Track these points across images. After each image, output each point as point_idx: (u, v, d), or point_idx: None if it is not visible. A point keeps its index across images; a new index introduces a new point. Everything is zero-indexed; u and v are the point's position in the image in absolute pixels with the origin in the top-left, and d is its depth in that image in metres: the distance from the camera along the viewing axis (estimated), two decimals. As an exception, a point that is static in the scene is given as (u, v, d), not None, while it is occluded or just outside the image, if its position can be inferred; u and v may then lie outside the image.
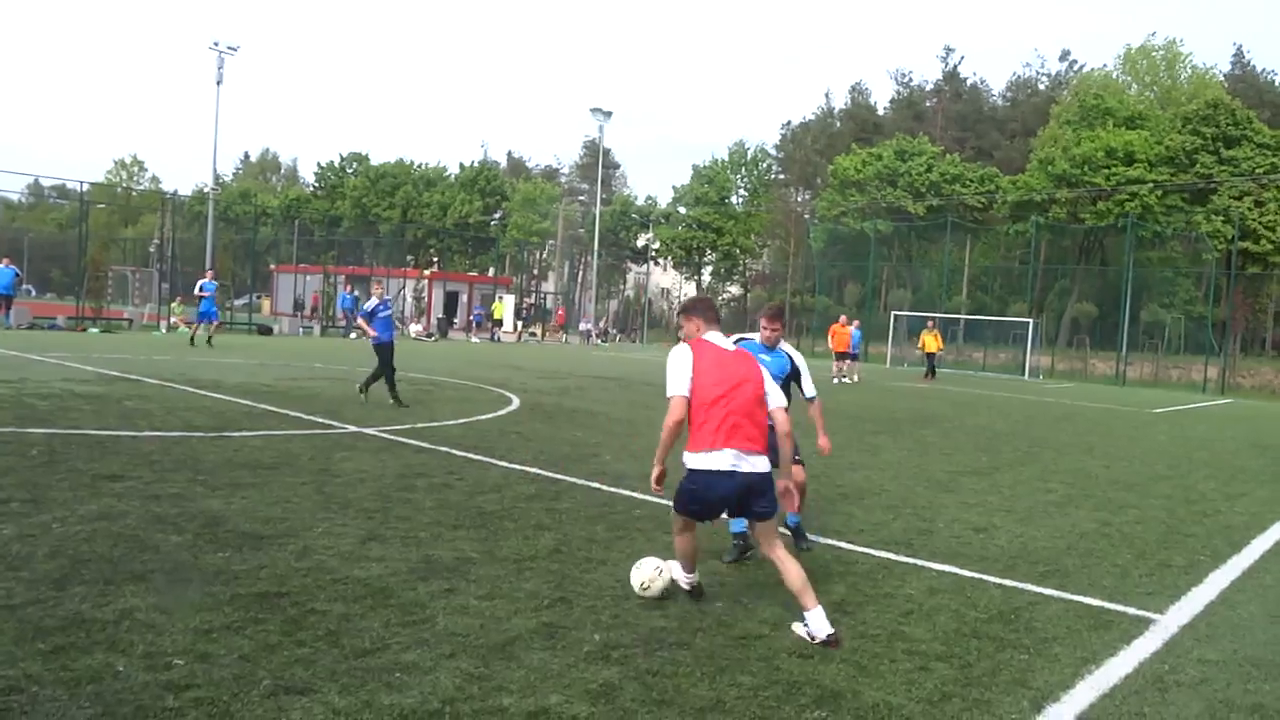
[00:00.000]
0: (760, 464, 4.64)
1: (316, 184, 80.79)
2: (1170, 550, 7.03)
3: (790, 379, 6.11)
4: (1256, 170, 47.68)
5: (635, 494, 7.72)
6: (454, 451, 9.22)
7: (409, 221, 70.80)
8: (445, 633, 4.23)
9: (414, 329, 40.66)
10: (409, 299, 43.45)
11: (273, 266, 57.94)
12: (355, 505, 6.64)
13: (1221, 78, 62.52)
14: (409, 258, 65.80)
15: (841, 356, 25.59)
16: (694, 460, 4.63)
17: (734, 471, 4.56)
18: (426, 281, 48.84)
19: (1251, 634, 5.11)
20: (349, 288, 40.87)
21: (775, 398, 4.94)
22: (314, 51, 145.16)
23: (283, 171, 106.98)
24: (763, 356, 5.66)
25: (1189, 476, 11.08)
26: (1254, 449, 14.76)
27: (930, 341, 30.12)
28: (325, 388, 14.69)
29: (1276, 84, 67.50)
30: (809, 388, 6.22)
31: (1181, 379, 37.28)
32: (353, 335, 35.09)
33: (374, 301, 13.39)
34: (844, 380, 24.80)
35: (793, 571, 4.57)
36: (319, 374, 17.28)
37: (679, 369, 4.69)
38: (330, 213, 75.07)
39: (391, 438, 9.91)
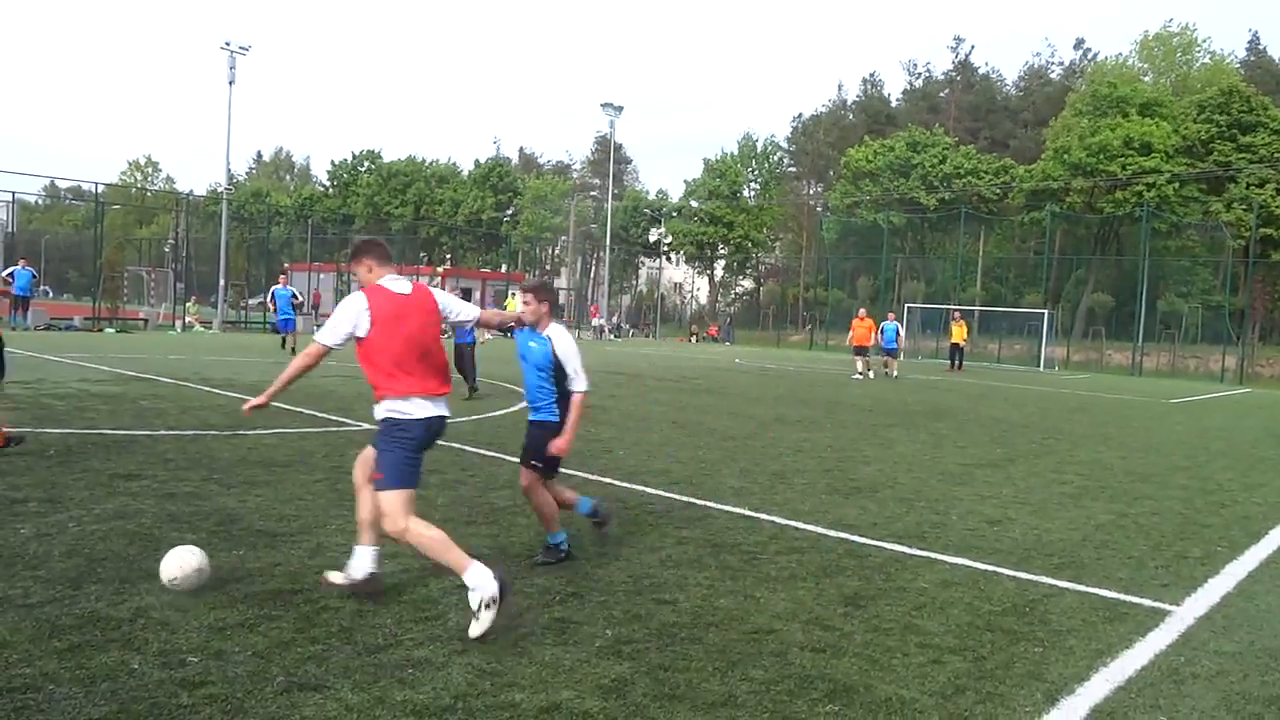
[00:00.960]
0: (444, 407, 4.59)
1: (329, 182, 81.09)
2: (1187, 541, 6.98)
3: (557, 367, 5.27)
4: (1275, 156, 47.15)
5: (648, 489, 7.72)
6: (466, 448, 9.24)
7: (421, 219, 70.98)
8: (457, 629, 4.24)
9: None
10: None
11: (286, 265, 58.20)
12: (368, 502, 6.65)
13: (1237, 64, 61.87)
14: (422, 255, 66.01)
15: (861, 351, 23.97)
16: (399, 407, 4.45)
17: (430, 418, 4.51)
18: (439, 279, 48.98)
19: (1269, 625, 5.07)
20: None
21: (463, 315, 4.90)
22: (326, 50, 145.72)
23: (296, 170, 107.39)
24: (530, 344, 5.27)
25: (1206, 467, 10.99)
26: (1273, 439, 14.63)
27: (958, 332, 30.00)
28: (338, 385, 14.74)
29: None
30: (577, 381, 5.27)
31: (1199, 369, 36.98)
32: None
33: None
34: (862, 377, 23.32)
35: (365, 505, 4.63)
36: (332, 372, 17.34)
37: (342, 319, 4.46)
38: (343, 211, 75.33)
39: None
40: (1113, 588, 5.59)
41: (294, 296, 23.23)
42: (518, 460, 5.59)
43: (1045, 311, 38.06)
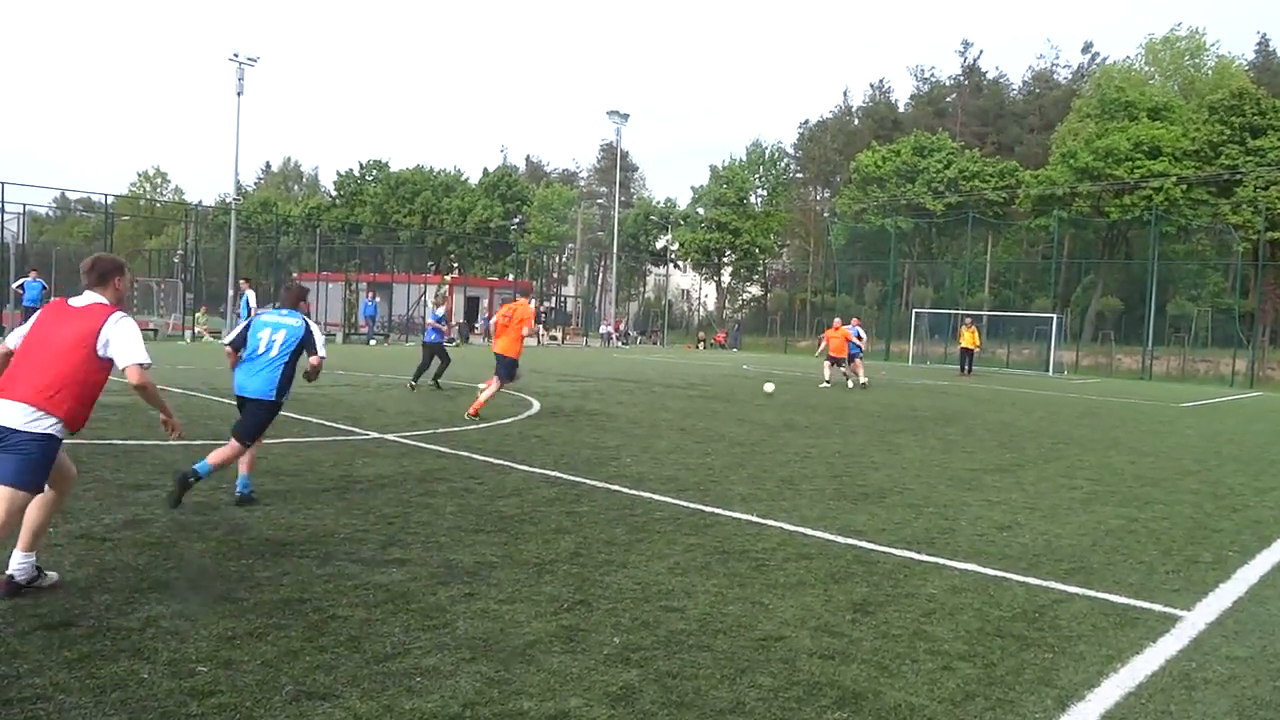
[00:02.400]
0: (7, 413, 4.37)
1: (336, 192, 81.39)
2: (1197, 546, 6.94)
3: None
4: (1283, 159, 46.94)
5: (656, 496, 7.72)
6: (474, 456, 9.25)
7: (429, 228, 71.15)
8: (465, 637, 4.25)
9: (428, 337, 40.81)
10: (430, 305, 43.67)
11: (295, 275, 58.41)
12: (376, 511, 6.68)
13: (1246, 67, 61.67)
14: (430, 264, 66.13)
15: (837, 362, 22.08)
16: None
17: None
18: (447, 287, 49.11)
19: (1281, 630, 5.04)
20: (371, 295, 41.14)
21: (122, 357, 4.82)
22: (332, 61, 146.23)
23: (304, 180, 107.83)
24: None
25: (1217, 471, 10.94)
26: (1284, 442, 14.55)
27: (969, 338, 29.99)
28: (347, 394, 14.79)
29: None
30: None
31: (1209, 372, 36.81)
32: (372, 342, 35.33)
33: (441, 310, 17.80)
34: (828, 385, 21.85)
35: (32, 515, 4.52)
36: (340, 381, 17.39)
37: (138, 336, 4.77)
38: (350, 220, 75.62)
39: (412, 443, 9.96)
40: (1123, 593, 5.57)
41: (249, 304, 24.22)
42: (525, 467, 5.61)
43: (1054, 316, 37.96)
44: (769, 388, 18.74)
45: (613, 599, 4.94)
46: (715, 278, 68.30)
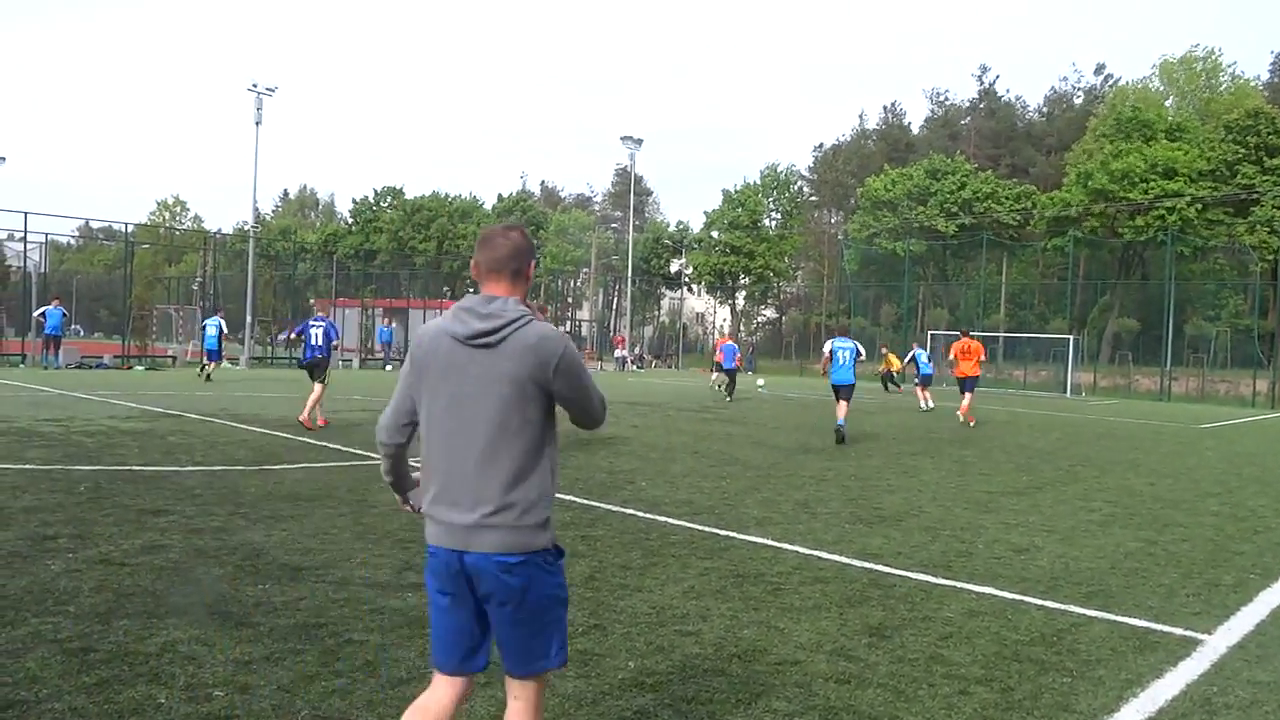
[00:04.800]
0: None
1: (352, 219, 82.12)
2: (1218, 569, 6.87)
3: None
4: (1299, 179, 46.73)
5: (671, 520, 7.71)
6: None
7: (445, 253, 71.65)
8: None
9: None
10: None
11: (312, 301, 58.87)
12: (392, 535, 6.70)
13: (1261, 86, 61.54)
14: (445, 289, 66.52)
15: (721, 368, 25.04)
16: None
17: None
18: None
19: (1304, 654, 4.97)
20: (387, 320, 41.39)
21: None
22: (349, 89, 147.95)
23: (320, 207, 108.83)
24: None
25: (1238, 493, 10.83)
26: (1306, 463, 14.39)
27: (893, 361, 30.92)
28: (365, 419, 14.86)
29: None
30: None
31: (1229, 393, 36.47)
32: (388, 367, 35.51)
33: None
34: (720, 389, 24.61)
35: None
36: (357, 406, 17.48)
37: None
38: (366, 246, 76.22)
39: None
40: (1143, 616, 5.51)
41: (222, 328, 24.65)
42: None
43: (1070, 337, 37.76)
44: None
45: (627, 623, 4.94)
46: (730, 301, 68.36)
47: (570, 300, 74.25)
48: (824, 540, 7.18)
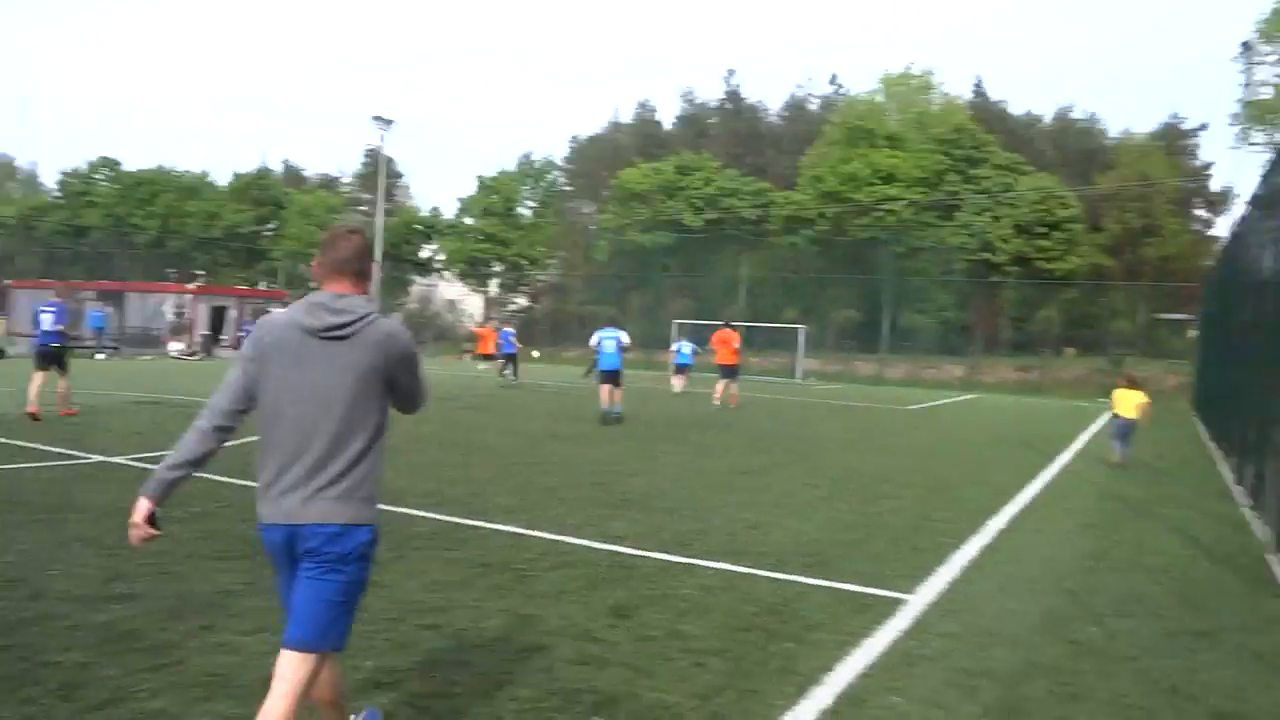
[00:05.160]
0: None
1: (60, 191, 73.57)
2: (919, 535, 7.64)
3: None
4: (993, 189, 53.05)
5: (415, 511, 7.52)
6: (219, 477, 8.60)
7: (171, 232, 65.81)
8: (200, 674, 3.94)
9: (173, 347, 37.74)
10: (169, 315, 40.29)
11: (9, 282, 52.16)
12: (100, 542, 6.06)
13: (966, 105, 68.95)
14: (170, 270, 61.14)
15: (488, 358, 27.82)
16: None
17: None
18: (190, 296, 45.59)
19: (986, 607, 5.64)
20: (100, 305, 37.44)
21: None
22: (58, 44, 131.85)
23: (18, 177, 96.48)
24: None
25: (938, 467, 12.10)
26: (993, 439, 16.34)
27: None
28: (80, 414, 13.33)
29: (1010, 113, 75.44)
30: None
31: (934, 378, 40.71)
32: (100, 355, 32.17)
33: None
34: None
35: None
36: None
37: None
38: (75, 222, 68.55)
39: (145, 466, 9.13)
40: (857, 582, 6.02)
41: None
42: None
43: (800, 327, 40.62)
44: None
45: (366, 621, 4.74)
46: (483, 288, 67.72)
47: (314, 285, 70.60)
48: (570, 525, 7.27)
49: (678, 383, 25.29)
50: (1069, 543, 7.71)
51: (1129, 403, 13.31)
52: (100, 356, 31.60)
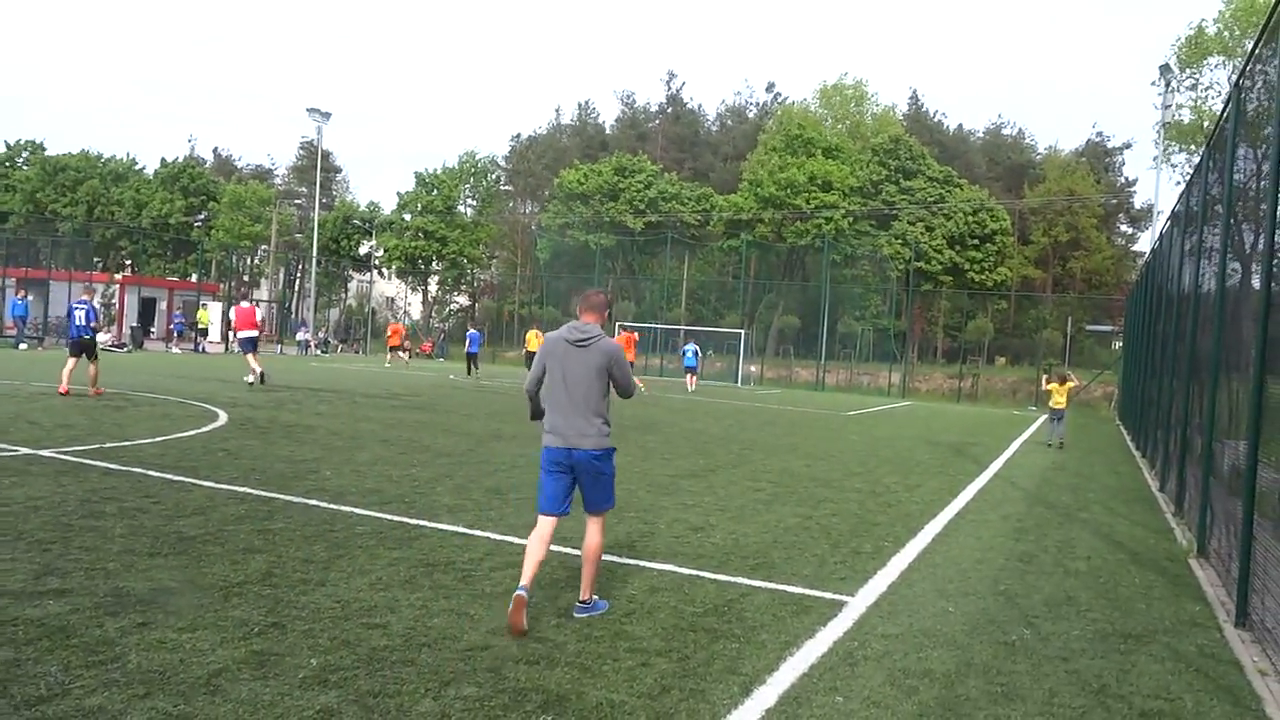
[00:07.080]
0: None
1: (-22, 174, 70.80)
2: (860, 538, 7.79)
3: None
4: (928, 200, 54.23)
5: (358, 510, 7.43)
6: (149, 472, 8.40)
7: (96, 220, 63.79)
8: (138, 671, 3.85)
9: (100, 339, 36.50)
10: (97, 305, 39.05)
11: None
12: (28, 537, 5.87)
13: (901, 117, 70.34)
14: (96, 260, 59.21)
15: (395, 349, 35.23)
16: None
17: None
18: (118, 286, 44.23)
19: (924, 608, 5.77)
20: (21, 293, 36.10)
21: None
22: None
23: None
24: None
25: (876, 471, 12.33)
26: (928, 445, 16.70)
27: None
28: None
29: (944, 125, 77.28)
30: None
31: (871, 384, 41.41)
32: (22, 346, 31.05)
33: None
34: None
35: None
36: (-18, 390, 15.10)
37: None
38: (-5, 207, 66.08)
39: (74, 459, 8.86)
40: (799, 584, 6.12)
41: None
42: (211, 484, 5.18)
43: (742, 332, 40.98)
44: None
45: (310, 620, 4.69)
46: (422, 286, 66.95)
47: (247, 278, 69.02)
48: (516, 525, 7.25)
49: (689, 382, 30.34)
50: (1002, 546, 7.93)
51: (1061, 395, 17.57)
52: (23, 347, 30.48)
